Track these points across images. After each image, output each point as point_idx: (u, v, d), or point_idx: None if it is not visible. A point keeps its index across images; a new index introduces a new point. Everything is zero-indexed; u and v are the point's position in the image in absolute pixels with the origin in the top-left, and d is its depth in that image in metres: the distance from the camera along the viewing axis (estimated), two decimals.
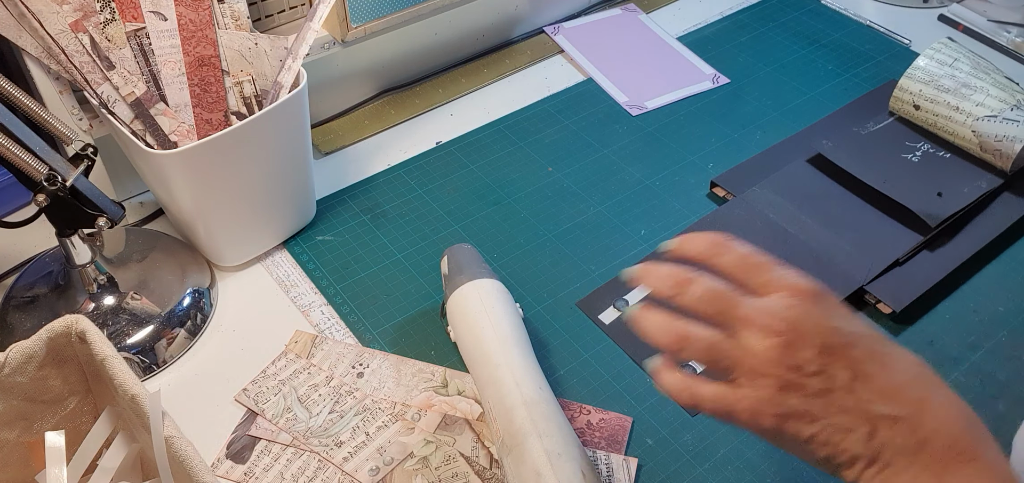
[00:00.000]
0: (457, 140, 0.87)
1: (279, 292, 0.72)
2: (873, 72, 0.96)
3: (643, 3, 1.07)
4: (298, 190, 0.74)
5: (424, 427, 0.61)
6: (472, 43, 0.97)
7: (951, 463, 0.42)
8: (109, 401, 0.51)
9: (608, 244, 0.76)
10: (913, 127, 0.83)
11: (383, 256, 0.75)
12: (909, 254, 0.72)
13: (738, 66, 0.97)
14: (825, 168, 0.80)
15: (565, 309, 0.70)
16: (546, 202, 0.80)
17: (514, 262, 0.74)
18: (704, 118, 0.90)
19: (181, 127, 0.69)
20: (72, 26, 0.65)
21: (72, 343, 0.50)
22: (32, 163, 0.58)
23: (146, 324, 0.66)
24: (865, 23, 1.04)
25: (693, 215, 0.78)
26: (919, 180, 0.77)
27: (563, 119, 0.90)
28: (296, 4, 0.84)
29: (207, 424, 0.62)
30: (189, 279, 0.71)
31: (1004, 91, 0.78)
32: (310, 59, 0.83)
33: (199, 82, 0.70)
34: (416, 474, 0.58)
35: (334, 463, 0.59)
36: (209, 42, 0.70)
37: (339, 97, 0.90)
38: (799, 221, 0.75)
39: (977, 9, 1.03)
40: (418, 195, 0.81)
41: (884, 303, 0.69)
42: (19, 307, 0.67)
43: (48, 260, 0.71)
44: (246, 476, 0.59)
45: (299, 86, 0.68)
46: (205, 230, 0.70)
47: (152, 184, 0.72)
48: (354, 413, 0.62)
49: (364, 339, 0.68)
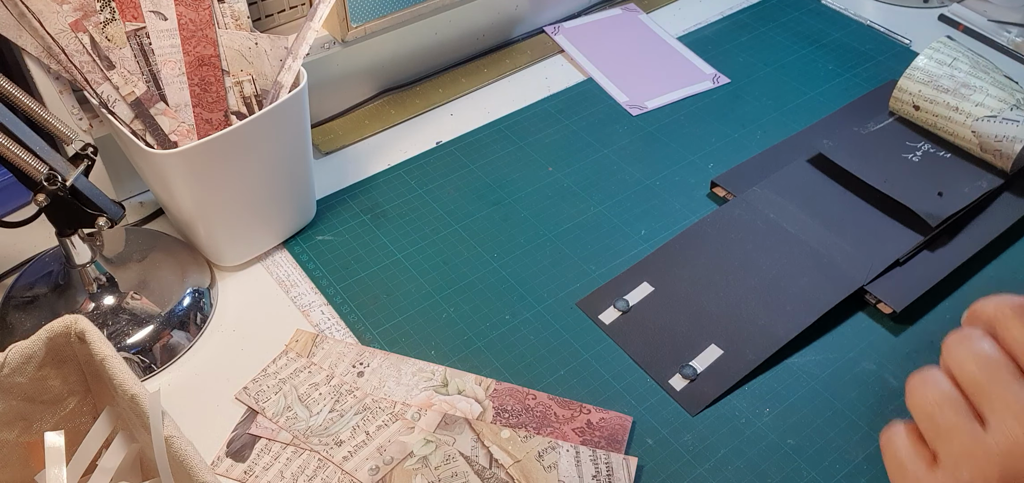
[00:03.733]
0: (457, 140, 0.87)
1: (279, 292, 0.72)
2: (873, 72, 0.95)
3: (643, 3, 1.07)
4: (298, 190, 0.74)
5: (424, 427, 0.61)
6: (472, 43, 0.97)
7: None
8: (109, 401, 0.51)
9: (608, 244, 0.76)
10: (913, 127, 0.83)
11: (383, 256, 0.75)
12: (909, 254, 0.72)
13: (738, 66, 0.97)
14: (825, 168, 0.80)
15: (565, 309, 0.70)
16: (546, 202, 0.80)
17: (514, 262, 0.74)
18: (704, 118, 0.90)
19: (181, 127, 0.69)
20: (72, 26, 0.65)
21: (71, 343, 0.50)
22: (32, 163, 0.58)
23: (146, 324, 0.66)
24: (865, 23, 1.04)
25: (693, 215, 0.78)
26: (919, 180, 0.77)
27: (563, 119, 0.90)
28: (296, 4, 0.84)
29: (207, 423, 0.62)
30: (189, 279, 0.71)
31: (1004, 91, 0.77)
32: (310, 59, 0.83)
33: (199, 82, 0.70)
34: (416, 473, 0.58)
35: (334, 462, 0.59)
36: (209, 42, 0.70)
37: (339, 97, 0.90)
38: (799, 221, 0.75)
39: (977, 9, 1.03)
40: (418, 195, 0.81)
41: (884, 303, 0.69)
42: (19, 307, 0.67)
43: (48, 260, 0.71)
44: (246, 474, 0.59)
45: (299, 86, 0.68)
46: (205, 230, 0.70)
47: (152, 184, 0.72)
48: (354, 412, 0.62)
49: (364, 339, 0.68)
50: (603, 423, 0.61)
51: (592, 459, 0.59)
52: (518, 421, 0.61)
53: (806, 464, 0.59)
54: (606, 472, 0.58)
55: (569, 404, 0.63)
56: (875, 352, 0.67)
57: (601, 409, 0.62)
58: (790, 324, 0.67)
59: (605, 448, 0.60)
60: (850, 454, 0.60)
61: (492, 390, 0.64)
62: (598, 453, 0.59)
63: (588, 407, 0.62)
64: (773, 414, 0.62)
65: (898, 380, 0.65)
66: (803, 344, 0.67)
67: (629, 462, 0.59)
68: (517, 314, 0.70)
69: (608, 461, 0.59)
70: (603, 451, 0.60)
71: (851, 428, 0.61)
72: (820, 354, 0.66)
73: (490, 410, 0.62)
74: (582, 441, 0.60)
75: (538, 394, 0.63)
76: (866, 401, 0.63)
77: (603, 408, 0.62)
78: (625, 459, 0.59)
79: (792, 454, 0.60)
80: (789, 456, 0.60)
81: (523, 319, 0.69)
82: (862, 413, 0.62)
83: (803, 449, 0.60)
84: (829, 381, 0.65)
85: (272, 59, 0.71)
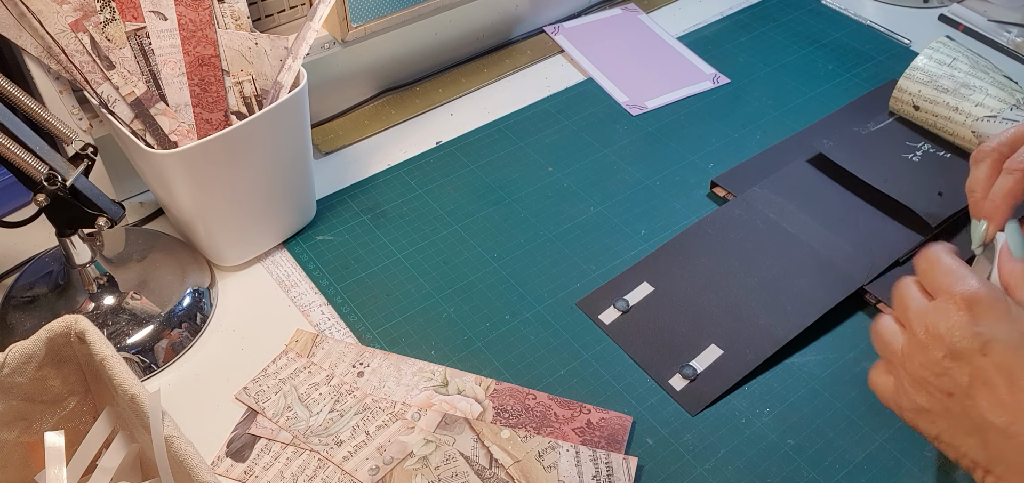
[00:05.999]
0: (457, 140, 0.87)
1: (279, 292, 0.72)
2: (873, 72, 0.95)
3: (643, 3, 1.07)
4: (298, 190, 0.74)
5: (424, 426, 0.61)
6: (472, 43, 0.97)
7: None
8: (109, 401, 0.51)
9: (608, 244, 0.76)
10: (913, 127, 0.83)
11: (383, 256, 0.75)
12: (909, 254, 0.72)
13: (738, 66, 0.97)
14: (825, 168, 0.80)
15: (565, 309, 0.70)
16: (546, 202, 0.80)
17: (514, 262, 0.74)
18: (704, 118, 0.90)
19: (181, 127, 0.69)
20: (72, 26, 0.65)
21: (71, 343, 0.50)
22: (32, 163, 0.58)
23: (146, 324, 0.66)
24: (865, 23, 1.04)
25: (693, 215, 0.78)
26: (919, 180, 0.77)
27: (563, 119, 0.90)
28: (296, 4, 0.84)
29: (207, 423, 0.62)
30: (189, 279, 0.71)
31: (1003, 91, 0.77)
32: (310, 59, 0.83)
33: (199, 82, 0.70)
34: (416, 473, 0.58)
35: (334, 462, 0.59)
36: (209, 42, 0.70)
37: (339, 97, 0.90)
38: (799, 221, 0.75)
39: (977, 9, 1.03)
40: (418, 195, 0.81)
41: (884, 303, 0.69)
42: (19, 307, 0.67)
43: (48, 260, 0.71)
44: (246, 474, 0.59)
45: (299, 86, 0.68)
46: (205, 230, 0.70)
47: (152, 184, 0.72)
48: (354, 412, 0.62)
49: (364, 339, 0.68)
50: (603, 423, 0.61)
51: (592, 459, 0.59)
52: (518, 421, 0.61)
53: (806, 464, 0.59)
54: (606, 472, 0.58)
55: (569, 404, 0.63)
56: (875, 352, 0.66)
57: (601, 409, 0.62)
58: (790, 324, 0.67)
59: (605, 448, 0.60)
60: (850, 454, 0.60)
61: (492, 390, 0.64)
62: (598, 453, 0.59)
63: (588, 407, 0.62)
64: (773, 414, 0.62)
65: None
66: (803, 344, 0.67)
67: (629, 462, 0.59)
68: (517, 314, 0.70)
69: (608, 461, 0.59)
70: (603, 451, 0.60)
71: (851, 428, 0.61)
72: (820, 354, 0.66)
73: (490, 410, 0.62)
74: (582, 441, 0.60)
75: (538, 394, 0.63)
76: (866, 401, 0.63)
77: (603, 408, 0.62)
78: (625, 459, 0.59)
79: (792, 454, 0.60)
80: (789, 456, 0.60)
81: (523, 319, 0.69)
82: (862, 413, 0.62)
83: (803, 449, 0.60)
84: (829, 381, 0.65)
85: (272, 59, 0.71)
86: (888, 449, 0.60)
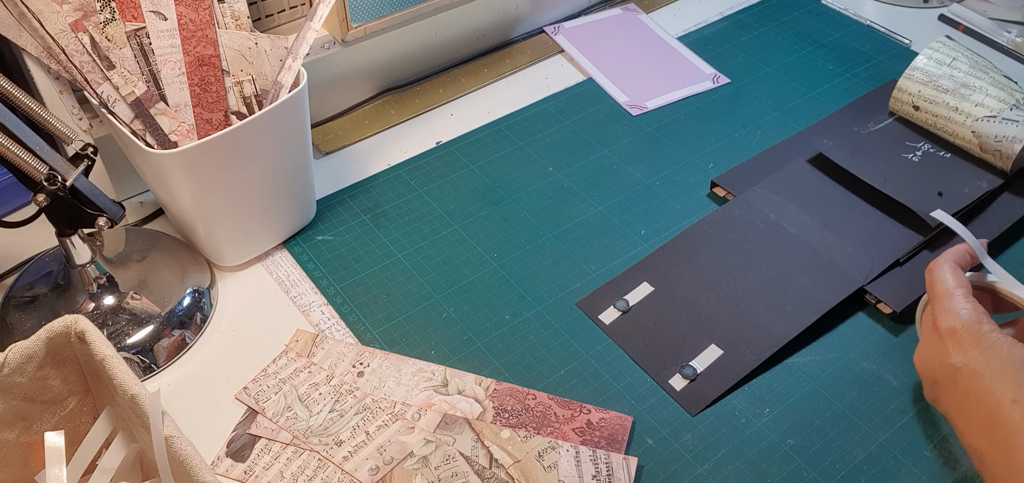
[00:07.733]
0: (457, 140, 0.87)
1: (279, 292, 0.72)
2: (873, 72, 0.95)
3: (643, 3, 1.07)
4: (298, 190, 0.74)
5: (424, 426, 0.61)
6: (472, 43, 0.97)
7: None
8: (109, 401, 0.51)
9: (608, 244, 0.76)
10: (913, 127, 0.83)
11: (383, 256, 0.75)
12: (909, 254, 0.72)
13: (738, 66, 0.97)
14: (825, 168, 0.80)
15: (565, 309, 0.70)
16: (546, 202, 0.80)
17: (514, 262, 0.74)
18: (704, 118, 0.90)
19: (181, 127, 0.69)
20: (72, 26, 0.65)
21: (71, 343, 0.50)
22: (32, 163, 0.58)
23: (146, 324, 0.66)
24: (865, 23, 1.04)
25: (693, 215, 0.78)
26: (919, 180, 0.77)
27: (563, 119, 0.90)
28: (296, 4, 0.84)
29: (207, 423, 0.62)
30: (189, 279, 0.71)
31: (1003, 90, 0.77)
32: (310, 59, 0.83)
33: (199, 82, 0.70)
34: (416, 473, 0.58)
35: (334, 462, 0.59)
36: (209, 42, 0.70)
37: (339, 97, 0.90)
38: (799, 221, 0.75)
39: (977, 9, 1.03)
40: (418, 195, 0.81)
41: (884, 303, 0.69)
42: (19, 307, 0.67)
43: (48, 260, 0.71)
44: (246, 474, 0.59)
45: (299, 86, 0.68)
46: (205, 230, 0.70)
47: (152, 184, 0.72)
48: (354, 412, 0.62)
49: (364, 339, 0.68)
50: (603, 423, 0.61)
51: (592, 459, 0.59)
52: (518, 421, 0.61)
53: (806, 464, 0.59)
54: (606, 472, 0.58)
55: (569, 404, 0.63)
56: (875, 352, 0.67)
57: (601, 409, 0.62)
58: (790, 324, 0.67)
59: (605, 448, 0.60)
60: (850, 454, 0.60)
61: (492, 390, 0.64)
62: (598, 453, 0.59)
63: (588, 407, 0.62)
64: (773, 414, 0.62)
65: (898, 380, 0.65)
66: (803, 344, 0.67)
67: (629, 462, 0.59)
68: (517, 314, 0.70)
69: (608, 461, 0.59)
70: (603, 451, 0.60)
71: (851, 428, 0.61)
72: (820, 354, 0.66)
73: (490, 410, 0.62)
74: (582, 441, 0.60)
75: (538, 394, 0.63)
76: (866, 401, 0.63)
77: (603, 408, 0.62)
78: (625, 459, 0.59)
79: (792, 454, 0.60)
80: (789, 456, 0.60)
81: (523, 319, 0.69)
82: (862, 413, 0.62)
83: (803, 449, 0.60)
84: (829, 381, 0.65)
85: (272, 59, 0.71)
86: (888, 449, 0.60)
